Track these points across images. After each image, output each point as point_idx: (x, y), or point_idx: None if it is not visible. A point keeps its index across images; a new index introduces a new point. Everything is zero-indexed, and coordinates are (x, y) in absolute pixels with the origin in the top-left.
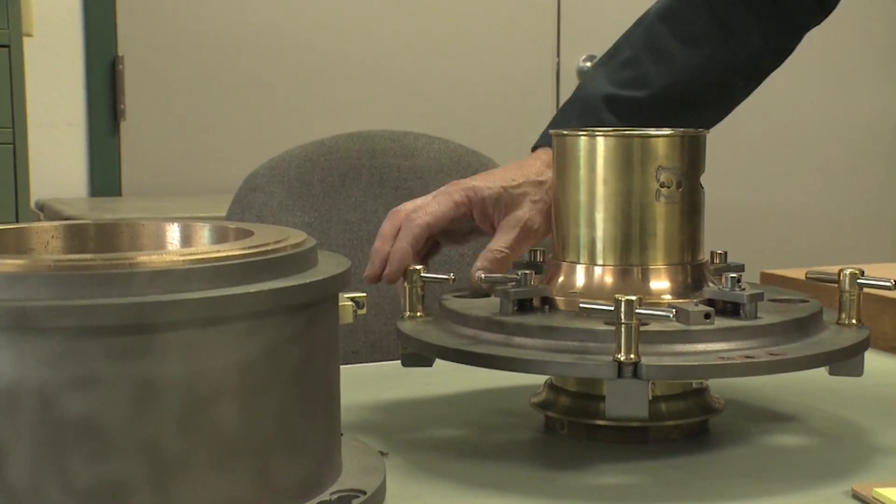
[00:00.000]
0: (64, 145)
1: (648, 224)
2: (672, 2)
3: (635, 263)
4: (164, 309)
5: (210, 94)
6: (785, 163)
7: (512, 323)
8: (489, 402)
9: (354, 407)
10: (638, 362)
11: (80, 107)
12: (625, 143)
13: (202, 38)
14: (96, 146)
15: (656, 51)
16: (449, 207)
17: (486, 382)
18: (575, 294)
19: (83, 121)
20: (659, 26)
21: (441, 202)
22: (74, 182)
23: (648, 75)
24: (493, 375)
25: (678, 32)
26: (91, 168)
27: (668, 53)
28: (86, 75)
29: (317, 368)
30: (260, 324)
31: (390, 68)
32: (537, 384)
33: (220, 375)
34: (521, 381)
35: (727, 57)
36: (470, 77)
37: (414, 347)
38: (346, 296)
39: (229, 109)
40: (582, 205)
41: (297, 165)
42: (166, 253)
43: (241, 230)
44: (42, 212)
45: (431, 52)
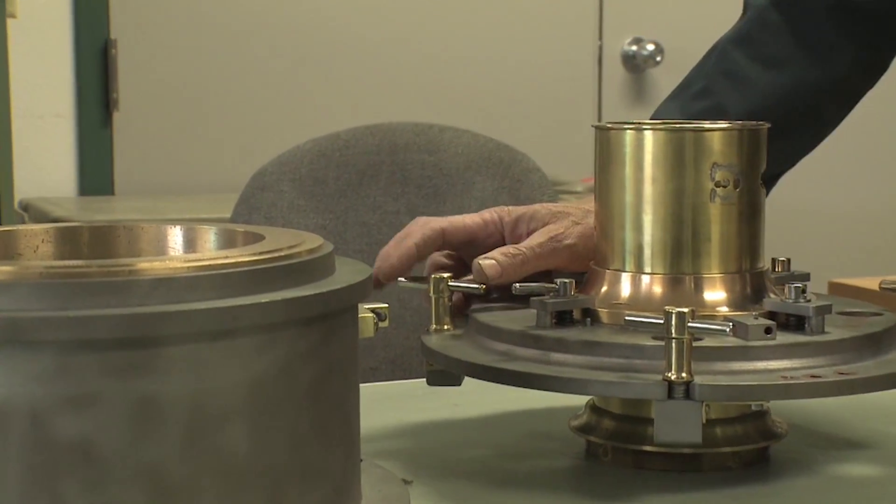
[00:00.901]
0: (51, 138)
1: (702, 228)
2: (744, 25)
3: (687, 272)
4: (167, 321)
5: (213, 81)
6: (856, 160)
7: (550, 337)
8: (524, 425)
9: (375, 430)
10: (690, 382)
11: (69, 96)
12: (676, 138)
13: (205, 20)
14: (86, 139)
15: (733, 77)
16: (474, 220)
17: (520, 403)
18: (620, 305)
19: (72, 111)
20: (733, 52)
21: (469, 216)
22: (62, 179)
23: (726, 104)
24: (529, 396)
25: (756, 55)
26: (81, 164)
27: (747, 79)
28: (75, 61)
29: (334, 387)
30: (272, 338)
31: (414, 53)
32: (578, 406)
33: (229, 394)
34: (559, 403)
35: (813, 78)
36: (502, 62)
37: (440, 364)
38: (366, 307)
39: (235, 99)
40: (628, 206)
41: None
42: (169, 259)
43: (250, 234)
44: (26, 212)
45: (460, 35)
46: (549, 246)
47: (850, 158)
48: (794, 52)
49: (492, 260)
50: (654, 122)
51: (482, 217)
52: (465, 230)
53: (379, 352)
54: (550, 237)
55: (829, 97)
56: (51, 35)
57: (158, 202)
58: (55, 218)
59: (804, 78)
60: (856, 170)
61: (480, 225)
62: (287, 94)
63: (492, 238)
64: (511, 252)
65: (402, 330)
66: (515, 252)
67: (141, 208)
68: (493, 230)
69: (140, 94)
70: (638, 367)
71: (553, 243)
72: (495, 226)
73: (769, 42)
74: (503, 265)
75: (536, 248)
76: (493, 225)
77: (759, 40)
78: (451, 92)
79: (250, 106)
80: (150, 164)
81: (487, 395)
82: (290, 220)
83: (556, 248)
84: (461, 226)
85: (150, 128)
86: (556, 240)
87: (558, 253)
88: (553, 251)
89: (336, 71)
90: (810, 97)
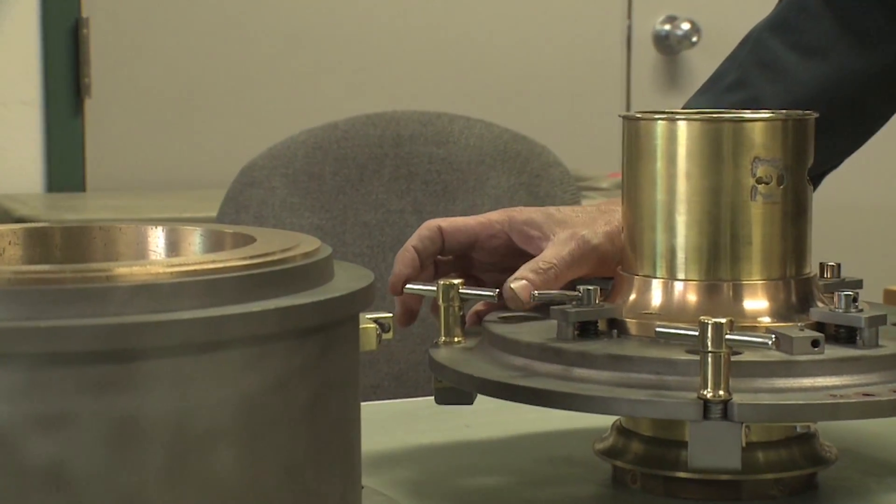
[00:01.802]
0: (15, 128)
1: (742, 229)
2: (782, 10)
3: (725, 278)
4: (149, 332)
5: (197, 64)
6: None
7: (572, 351)
8: (543, 448)
9: (377, 453)
10: (728, 400)
11: (35, 81)
12: (713, 129)
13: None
14: (55, 129)
15: (769, 67)
16: (479, 221)
17: (539, 425)
18: (650, 315)
19: (39, 98)
20: (769, 39)
21: (475, 217)
22: (28, 174)
23: (761, 97)
24: (549, 416)
25: (795, 43)
26: (49, 156)
27: (784, 69)
28: (42, 41)
29: (333, 406)
30: (264, 351)
31: (421, 33)
32: (603, 427)
33: (216, 414)
34: (582, 423)
35: (858, 67)
36: (519, 44)
37: (450, 380)
38: (368, 316)
39: (221, 84)
40: (659, 205)
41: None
42: (150, 263)
43: (240, 235)
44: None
45: (471, 14)
46: (578, 252)
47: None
48: (837, 39)
49: (522, 280)
50: (689, 111)
51: (488, 217)
52: (465, 230)
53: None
54: (577, 241)
55: (876, 89)
56: (15, 12)
57: (136, 200)
58: (20, 217)
59: (848, 67)
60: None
61: (484, 224)
62: (279, 79)
63: (496, 240)
64: (541, 267)
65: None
66: (546, 266)
67: (116, 207)
68: (497, 231)
69: (115, 79)
70: (670, 383)
71: (582, 248)
72: (501, 227)
73: (809, 29)
74: (537, 284)
75: (567, 257)
76: (498, 225)
77: (799, 27)
78: (462, 77)
79: (238, 92)
80: (127, 157)
81: (502, 416)
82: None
83: (585, 252)
84: (461, 225)
85: (127, 116)
86: (583, 242)
87: (587, 257)
88: (583, 256)
89: (334, 53)
90: (854, 89)
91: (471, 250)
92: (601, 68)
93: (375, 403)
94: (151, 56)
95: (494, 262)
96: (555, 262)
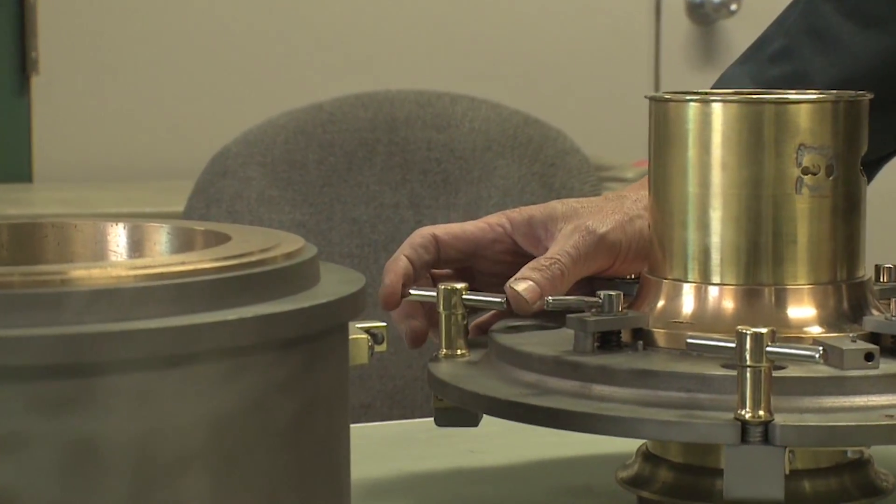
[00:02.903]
0: None
1: (785, 226)
2: None
3: (766, 282)
4: (109, 343)
5: (161, 37)
6: None
7: (591, 365)
8: (559, 477)
9: (368, 482)
10: (770, 422)
11: None
12: (752, 112)
13: None
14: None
15: (820, 36)
16: (477, 227)
17: (554, 449)
18: (680, 325)
19: None
20: (823, 4)
21: (471, 222)
22: None
23: (810, 70)
24: (565, 440)
25: (852, 11)
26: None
27: (838, 40)
28: None
29: (318, 427)
30: (241, 365)
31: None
32: (627, 452)
33: (187, 436)
34: (603, 448)
35: None
36: (531, 14)
37: (452, 399)
38: (358, 326)
39: (188, 59)
40: (691, 199)
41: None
42: (110, 265)
43: (212, 234)
44: None
45: None
46: (583, 244)
47: None
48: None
49: (527, 281)
50: (725, 91)
51: (486, 221)
52: (463, 238)
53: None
54: (581, 233)
55: None
56: None
57: (92, 192)
58: None
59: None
60: None
61: (483, 229)
62: (255, 53)
63: (500, 245)
64: (543, 264)
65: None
66: (549, 262)
67: (69, 200)
68: (499, 235)
69: (66, 53)
70: (703, 403)
71: (587, 239)
72: (503, 230)
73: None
74: (541, 284)
75: (571, 250)
76: (500, 228)
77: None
78: (466, 51)
79: (209, 68)
80: (80, 143)
81: (512, 439)
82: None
83: (591, 243)
84: (458, 232)
85: (79, 96)
86: (591, 234)
87: (596, 249)
88: (589, 248)
89: (318, 23)
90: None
91: (472, 260)
92: (626, 41)
93: (367, 426)
94: (108, 27)
95: (499, 272)
96: (558, 256)
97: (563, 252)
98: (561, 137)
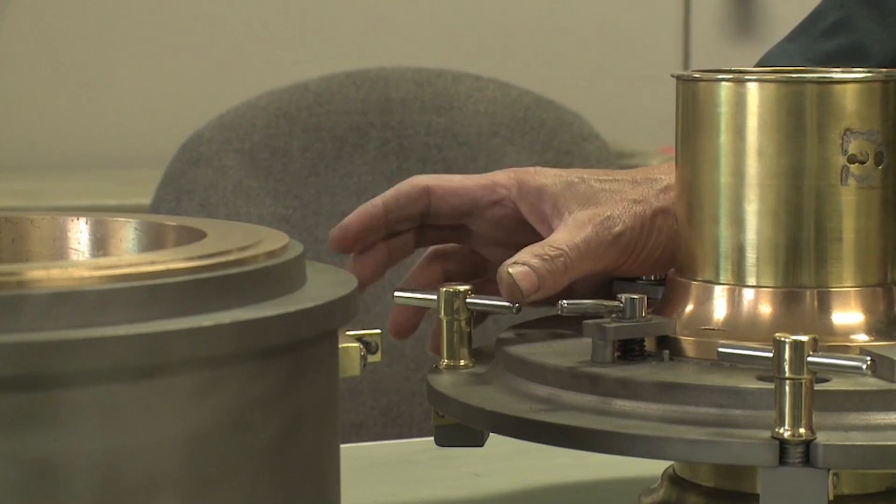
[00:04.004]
0: None
1: (829, 221)
2: None
3: (808, 284)
4: (71, 352)
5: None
6: None
7: (611, 377)
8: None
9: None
10: (811, 441)
11: None
12: (793, 93)
13: None
14: None
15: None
16: (479, 184)
17: (570, 473)
18: (711, 332)
19: None
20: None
21: (472, 176)
22: None
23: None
24: (582, 462)
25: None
26: None
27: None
28: None
29: (305, 447)
30: (218, 377)
31: None
32: (652, 476)
33: (157, 456)
34: (625, 471)
35: None
36: None
37: (455, 415)
38: (349, 333)
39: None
40: (723, 191)
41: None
42: (72, 265)
43: (185, 230)
44: None
45: None
46: (595, 240)
47: None
48: None
49: (524, 266)
50: (762, 69)
51: (492, 179)
52: (461, 194)
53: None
54: (595, 227)
55: None
56: None
57: (48, 183)
58: None
59: None
60: None
61: (486, 188)
62: (231, 25)
63: (501, 210)
64: (548, 254)
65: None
66: (554, 253)
67: (21, 191)
68: (502, 198)
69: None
70: (737, 419)
71: (600, 236)
72: (507, 193)
73: None
74: (541, 274)
75: (581, 245)
76: (504, 191)
77: None
78: (470, 23)
79: (178, 42)
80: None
81: (522, 461)
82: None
83: (604, 241)
84: (456, 187)
85: (32, 74)
86: (605, 229)
87: (607, 248)
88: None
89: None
90: None
91: (467, 218)
92: (651, 12)
93: (358, 446)
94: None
95: (498, 237)
96: (565, 248)
97: (572, 245)
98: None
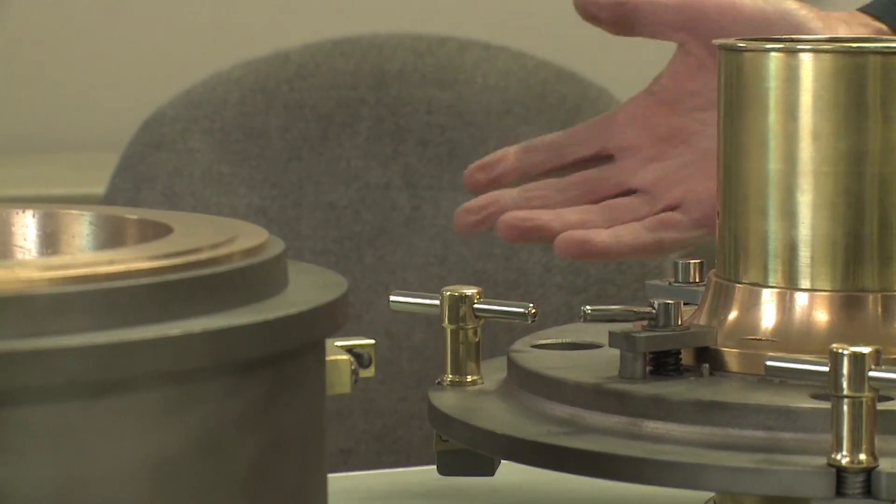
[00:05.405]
0: None
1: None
2: None
3: (870, 287)
4: (18, 365)
5: None
6: None
7: (643, 395)
8: None
9: None
10: (873, 468)
11: None
12: (854, 65)
13: None
14: None
15: None
16: None
17: None
18: (758, 343)
19: None
20: None
21: None
22: None
23: None
24: (608, 493)
25: None
26: None
27: None
28: None
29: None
30: (188, 393)
31: None
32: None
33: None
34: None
35: None
36: None
37: (461, 440)
38: (338, 344)
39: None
40: (772, 179)
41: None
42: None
43: (148, 224)
44: None
45: None
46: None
47: None
48: None
49: None
50: (817, 38)
51: None
52: None
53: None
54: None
55: None
56: None
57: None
58: None
59: None
60: None
61: None
62: None
63: None
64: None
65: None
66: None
67: None
68: None
69: None
70: (787, 444)
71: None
72: None
73: None
74: None
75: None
76: None
77: None
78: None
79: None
80: None
81: (539, 492)
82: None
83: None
84: None
85: None
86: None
87: None
88: None
89: None
90: None
91: None
92: None
93: (348, 475)
94: None
95: None
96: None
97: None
98: (603, 96)
